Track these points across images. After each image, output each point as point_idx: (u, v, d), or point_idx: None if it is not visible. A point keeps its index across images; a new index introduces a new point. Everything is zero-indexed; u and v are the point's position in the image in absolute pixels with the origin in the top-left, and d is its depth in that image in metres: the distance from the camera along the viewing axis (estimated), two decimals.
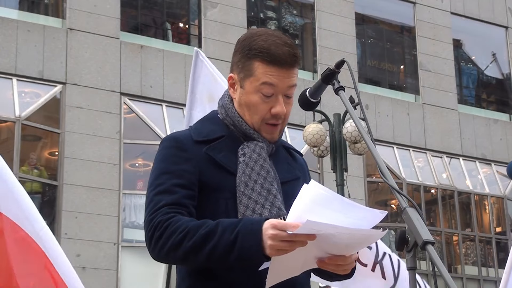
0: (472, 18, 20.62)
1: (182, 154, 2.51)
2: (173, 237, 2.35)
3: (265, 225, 2.26)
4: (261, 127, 2.57)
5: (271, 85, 2.52)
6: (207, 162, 2.51)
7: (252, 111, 2.56)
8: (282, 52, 2.51)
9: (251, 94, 2.55)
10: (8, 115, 14.25)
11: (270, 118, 2.56)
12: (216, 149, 2.54)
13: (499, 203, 19.64)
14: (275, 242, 2.23)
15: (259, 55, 2.52)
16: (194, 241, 2.32)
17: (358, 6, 18.94)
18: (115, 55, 15.55)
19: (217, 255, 2.30)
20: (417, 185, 18.25)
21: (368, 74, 19.24)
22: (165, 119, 15.62)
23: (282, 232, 2.22)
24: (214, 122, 2.63)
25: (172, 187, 2.45)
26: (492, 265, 18.86)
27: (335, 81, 2.56)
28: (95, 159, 14.69)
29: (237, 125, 2.58)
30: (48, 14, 15.85)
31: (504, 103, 21.28)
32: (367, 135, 2.42)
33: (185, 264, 2.44)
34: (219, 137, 2.57)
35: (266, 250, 2.24)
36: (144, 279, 14.64)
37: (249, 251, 2.27)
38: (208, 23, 16.77)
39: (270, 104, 2.54)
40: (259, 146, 2.56)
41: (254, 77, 2.54)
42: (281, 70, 2.52)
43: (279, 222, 2.24)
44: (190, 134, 2.57)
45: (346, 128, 11.01)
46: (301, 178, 2.66)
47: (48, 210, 14.64)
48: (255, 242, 2.26)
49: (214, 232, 2.31)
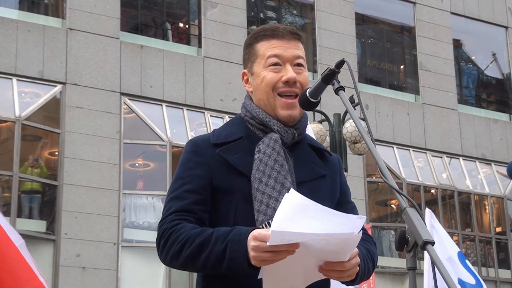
0: (472, 18, 20.62)
1: (197, 159, 2.55)
2: (174, 246, 2.41)
3: (250, 235, 2.27)
4: (276, 101, 2.59)
5: (276, 56, 2.60)
6: (220, 165, 2.54)
7: (263, 87, 2.61)
8: (281, 28, 2.65)
9: (260, 73, 2.62)
10: (8, 115, 14.25)
11: (282, 86, 2.60)
12: (231, 150, 2.56)
13: (499, 203, 19.64)
14: (257, 253, 2.24)
15: (258, 36, 2.65)
16: (191, 250, 2.38)
17: (358, 6, 18.94)
18: (115, 55, 15.54)
19: (211, 264, 2.36)
20: (417, 185, 18.25)
21: (368, 74, 19.24)
22: (165, 119, 15.62)
23: (262, 243, 2.22)
24: (236, 124, 2.67)
25: (183, 193, 2.50)
26: (492, 265, 18.85)
27: (335, 81, 2.56)
28: (95, 159, 14.69)
29: (255, 116, 2.61)
30: (48, 14, 15.85)
31: (504, 103, 21.28)
32: (367, 135, 2.41)
33: (187, 270, 2.48)
34: (238, 138, 2.59)
35: (252, 261, 2.26)
36: (144, 279, 14.64)
37: (236, 261, 2.30)
38: (208, 23, 16.77)
39: (280, 74, 2.60)
40: (273, 139, 2.56)
41: (260, 57, 2.63)
42: (282, 41, 2.62)
43: (259, 233, 2.25)
44: (209, 138, 2.61)
45: (346, 128, 11.00)
46: (329, 175, 2.65)
47: (48, 210, 14.65)
48: (241, 253, 2.28)
49: (209, 241, 2.36)
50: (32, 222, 14.41)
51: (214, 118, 15.91)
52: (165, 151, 15.43)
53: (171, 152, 15.44)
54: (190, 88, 16.08)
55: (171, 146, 15.44)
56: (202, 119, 16.13)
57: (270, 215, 2.44)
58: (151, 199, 15.29)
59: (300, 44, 2.65)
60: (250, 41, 2.67)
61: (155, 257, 2.75)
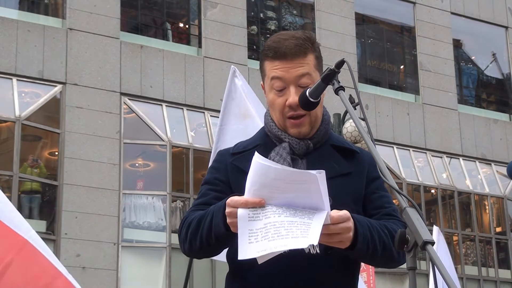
0: (472, 18, 20.62)
1: (218, 166, 2.69)
2: (188, 230, 2.51)
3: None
4: (286, 123, 2.63)
5: (278, 79, 2.59)
6: (235, 172, 2.63)
7: (273, 109, 2.65)
8: (284, 45, 2.57)
9: (268, 93, 2.65)
10: (8, 115, 14.25)
11: (288, 111, 2.61)
12: (244, 158, 2.61)
13: (499, 203, 19.64)
14: (231, 219, 2.30)
15: (265, 54, 2.63)
16: (192, 228, 2.48)
17: (358, 6, 18.94)
18: (115, 55, 15.54)
19: (206, 237, 2.43)
20: (417, 185, 18.25)
21: (368, 74, 19.24)
22: (165, 119, 15.62)
23: (234, 209, 2.28)
24: (258, 133, 2.76)
25: (206, 191, 2.64)
26: (492, 265, 18.85)
27: (335, 81, 2.55)
28: (95, 159, 14.69)
29: (270, 130, 2.68)
30: (48, 14, 15.85)
31: (504, 103, 21.28)
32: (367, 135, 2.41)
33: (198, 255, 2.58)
34: (255, 146, 2.66)
35: (231, 228, 2.33)
36: (144, 279, 14.64)
37: (218, 227, 2.38)
38: (208, 23, 16.77)
39: (285, 97, 2.60)
40: (282, 147, 2.62)
41: (266, 76, 2.64)
42: (284, 62, 2.58)
43: (231, 199, 2.31)
44: (230, 148, 2.75)
45: (346, 128, 11.01)
46: (354, 173, 2.64)
47: (48, 210, 14.65)
48: (220, 218, 2.36)
49: (204, 216, 2.45)
50: (32, 222, 14.40)
51: (214, 118, 15.89)
52: (165, 151, 15.43)
53: (171, 152, 15.44)
54: (190, 88, 16.08)
55: (171, 146, 15.44)
56: (202, 119, 16.13)
57: None
58: (151, 199, 15.29)
59: (307, 57, 2.59)
60: (261, 57, 2.68)
61: (155, 257, 2.79)
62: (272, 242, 2.18)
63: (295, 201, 2.28)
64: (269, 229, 2.21)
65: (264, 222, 2.23)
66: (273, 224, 2.22)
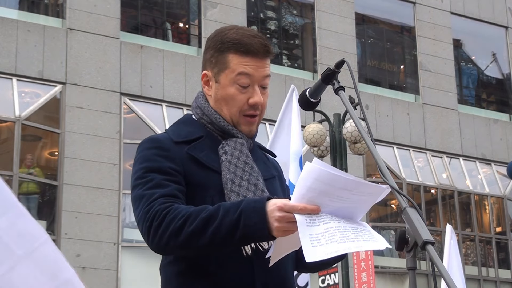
0: (472, 18, 20.62)
1: (165, 154, 2.50)
2: (173, 224, 2.32)
3: (270, 206, 2.26)
4: (240, 119, 2.57)
5: (247, 75, 2.54)
6: (190, 162, 2.50)
7: (230, 104, 2.57)
8: (254, 43, 2.54)
9: (227, 87, 2.56)
10: (8, 115, 14.25)
11: (248, 109, 2.56)
12: (197, 148, 2.53)
13: (499, 203, 19.64)
14: (281, 224, 2.23)
15: (232, 47, 2.55)
16: (196, 225, 2.30)
17: (358, 6, 18.94)
18: (115, 55, 15.55)
19: (221, 235, 2.29)
20: (417, 185, 18.25)
21: (368, 74, 19.24)
22: (165, 119, 15.63)
23: (289, 214, 2.22)
24: (189, 124, 2.62)
25: (163, 181, 2.43)
26: (492, 265, 18.86)
27: (335, 81, 2.56)
28: (95, 159, 14.69)
29: (215, 122, 2.58)
30: (48, 14, 15.85)
31: (504, 103, 21.28)
32: (367, 135, 2.41)
33: (185, 251, 2.40)
34: (198, 137, 2.56)
35: (273, 232, 2.25)
36: (144, 279, 14.64)
37: (253, 228, 2.26)
38: (208, 23, 16.77)
39: (247, 95, 2.55)
40: (239, 142, 2.56)
41: (229, 69, 2.55)
42: (255, 59, 2.54)
43: (285, 204, 2.24)
44: (168, 136, 2.57)
45: (346, 128, 11.01)
46: (277, 177, 2.69)
47: (48, 210, 14.65)
48: (259, 219, 2.25)
49: (216, 213, 2.30)
50: None
51: None
52: None
53: None
54: (190, 88, 16.08)
55: None
56: None
57: None
58: None
59: (269, 58, 2.60)
60: (222, 48, 2.56)
61: (155, 257, 2.73)
62: (342, 244, 2.17)
63: (341, 210, 2.26)
64: (333, 233, 2.19)
65: (324, 227, 2.20)
66: (337, 229, 2.21)
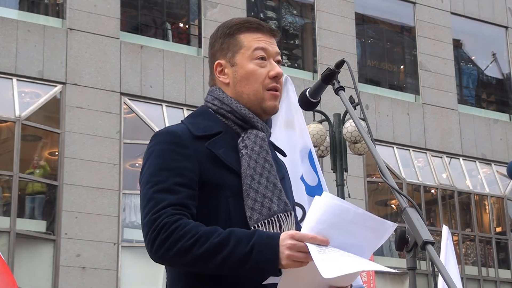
0: (472, 18, 20.62)
1: (182, 151, 2.41)
2: (181, 242, 2.26)
3: (282, 235, 2.23)
4: (264, 94, 2.53)
5: (263, 49, 2.56)
6: (208, 159, 2.43)
7: (251, 80, 2.55)
8: (263, 23, 2.62)
9: (246, 65, 2.56)
10: (8, 115, 14.25)
11: (270, 82, 2.54)
12: (216, 144, 2.46)
13: (499, 203, 19.64)
14: (292, 252, 2.20)
15: (242, 27, 2.59)
16: (205, 249, 2.24)
17: (358, 6, 18.94)
18: (115, 55, 15.55)
19: (230, 265, 2.24)
20: (417, 185, 18.25)
21: (368, 74, 19.24)
22: (165, 119, 15.62)
23: (299, 243, 2.20)
24: (208, 117, 2.56)
25: (174, 186, 2.34)
26: (492, 265, 18.86)
27: (335, 81, 2.56)
28: (95, 159, 14.69)
29: (236, 110, 2.53)
30: (48, 14, 15.85)
31: (504, 103, 21.28)
32: (367, 135, 2.41)
33: (189, 269, 2.34)
34: (218, 132, 2.50)
35: (282, 260, 2.21)
36: (144, 279, 14.64)
37: (265, 264, 2.22)
38: (208, 23, 16.77)
39: (267, 69, 2.55)
40: (259, 137, 2.51)
41: (244, 48, 2.57)
42: (265, 35, 2.58)
43: (296, 232, 2.22)
44: (188, 129, 2.48)
45: (346, 128, 11.01)
46: (286, 178, 2.65)
47: (48, 210, 14.65)
48: (272, 255, 2.22)
49: (227, 242, 2.24)
50: (32, 222, 14.41)
51: None
52: None
53: None
54: (190, 88, 16.08)
55: None
56: None
57: (266, 215, 2.40)
58: None
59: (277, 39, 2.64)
60: (231, 31, 2.59)
61: None
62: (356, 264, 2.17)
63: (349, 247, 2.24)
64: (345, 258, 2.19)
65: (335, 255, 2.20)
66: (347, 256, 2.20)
